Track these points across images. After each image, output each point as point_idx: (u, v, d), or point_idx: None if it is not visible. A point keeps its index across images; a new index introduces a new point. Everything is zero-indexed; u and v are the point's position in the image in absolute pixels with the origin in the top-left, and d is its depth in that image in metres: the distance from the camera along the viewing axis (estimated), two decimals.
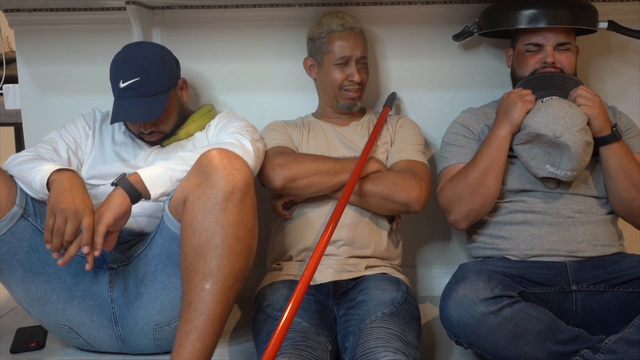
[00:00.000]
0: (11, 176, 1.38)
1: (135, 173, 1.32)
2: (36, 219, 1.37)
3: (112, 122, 1.50)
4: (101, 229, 1.25)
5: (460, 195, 1.51)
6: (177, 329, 1.16)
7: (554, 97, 1.46)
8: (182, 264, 1.21)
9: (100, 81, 1.82)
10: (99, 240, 1.25)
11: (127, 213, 1.30)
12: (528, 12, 1.53)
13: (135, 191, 1.30)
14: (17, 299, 1.45)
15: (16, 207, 1.34)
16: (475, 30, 1.71)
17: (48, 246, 1.26)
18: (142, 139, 1.60)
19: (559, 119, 1.40)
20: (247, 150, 1.42)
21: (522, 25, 1.55)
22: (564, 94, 1.49)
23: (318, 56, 1.67)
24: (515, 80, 1.63)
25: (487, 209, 1.53)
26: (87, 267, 1.26)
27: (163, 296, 1.38)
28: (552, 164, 1.45)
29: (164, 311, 1.39)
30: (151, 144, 1.60)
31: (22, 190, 1.37)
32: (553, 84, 1.51)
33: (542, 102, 1.46)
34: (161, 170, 1.33)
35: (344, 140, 1.66)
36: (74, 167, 1.52)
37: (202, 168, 1.22)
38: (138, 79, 1.49)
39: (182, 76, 1.64)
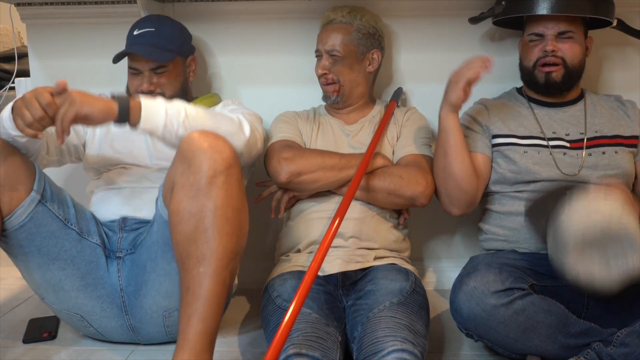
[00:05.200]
0: (30, 161, 1.38)
1: (138, 101, 1.29)
2: (53, 204, 1.38)
3: (114, 60, 1.51)
4: (70, 115, 1.20)
5: (436, 182, 1.53)
6: (179, 315, 1.18)
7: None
8: (175, 251, 1.23)
9: (112, 75, 1.84)
10: (65, 125, 1.20)
11: (98, 122, 1.25)
12: (533, 0, 1.50)
13: (125, 117, 1.27)
14: (33, 284, 1.47)
15: (34, 193, 1.35)
16: (500, 12, 1.63)
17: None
18: None
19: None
20: (244, 132, 1.40)
21: (530, 12, 1.51)
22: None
23: None
24: (523, 72, 1.59)
25: (467, 191, 1.49)
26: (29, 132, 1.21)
27: (167, 282, 1.39)
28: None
29: (170, 296, 1.40)
30: None
31: (40, 175, 1.37)
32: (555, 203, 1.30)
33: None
34: (162, 111, 1.30)
35: (352, 140, 1.65)
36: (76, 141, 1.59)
37: (183, 153, 1.22)
38: (153, 29, 1.54)
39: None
